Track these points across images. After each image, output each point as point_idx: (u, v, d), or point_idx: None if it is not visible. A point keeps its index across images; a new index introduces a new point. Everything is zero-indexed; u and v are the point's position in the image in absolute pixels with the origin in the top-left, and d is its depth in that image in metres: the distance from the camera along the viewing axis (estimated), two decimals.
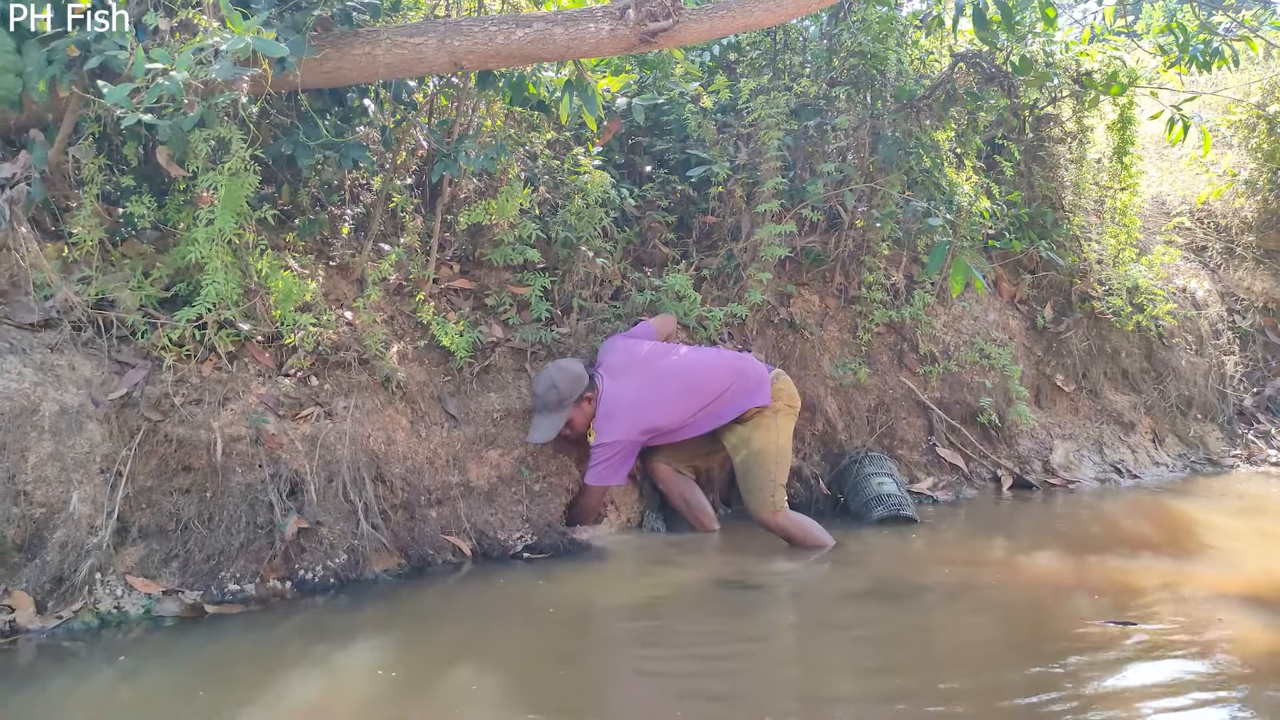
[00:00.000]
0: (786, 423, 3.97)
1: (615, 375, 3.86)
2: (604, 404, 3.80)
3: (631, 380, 3.83)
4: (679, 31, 3.50)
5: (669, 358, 3.91)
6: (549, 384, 3.78)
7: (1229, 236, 7.39)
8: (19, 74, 3.13)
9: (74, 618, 2.82)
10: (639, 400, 3.79)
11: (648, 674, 2.70)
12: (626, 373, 3.86)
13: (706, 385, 3.86)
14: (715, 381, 3.88)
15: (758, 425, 3.91)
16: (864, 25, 5.12)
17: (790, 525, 3.87)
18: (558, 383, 3.77)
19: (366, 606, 3.12)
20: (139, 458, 3.08)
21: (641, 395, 3.80)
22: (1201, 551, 3.95)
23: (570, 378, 3.79)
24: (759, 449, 3.88)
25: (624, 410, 3.77)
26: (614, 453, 3.76)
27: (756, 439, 3.89)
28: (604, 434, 3.77)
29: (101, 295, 3.28)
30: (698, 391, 3.85)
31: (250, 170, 3.21)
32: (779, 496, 3.87)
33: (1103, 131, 6.21)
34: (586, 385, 3.82)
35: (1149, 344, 6.15)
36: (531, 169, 4.62)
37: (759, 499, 3.86)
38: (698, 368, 3.90)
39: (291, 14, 3.39)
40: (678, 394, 3.83)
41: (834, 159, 5.11)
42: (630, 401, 3.78)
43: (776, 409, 3.93)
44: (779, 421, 3.93)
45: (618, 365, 3.90)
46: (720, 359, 3.98)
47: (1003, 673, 2.67)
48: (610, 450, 3.76)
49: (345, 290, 3.90)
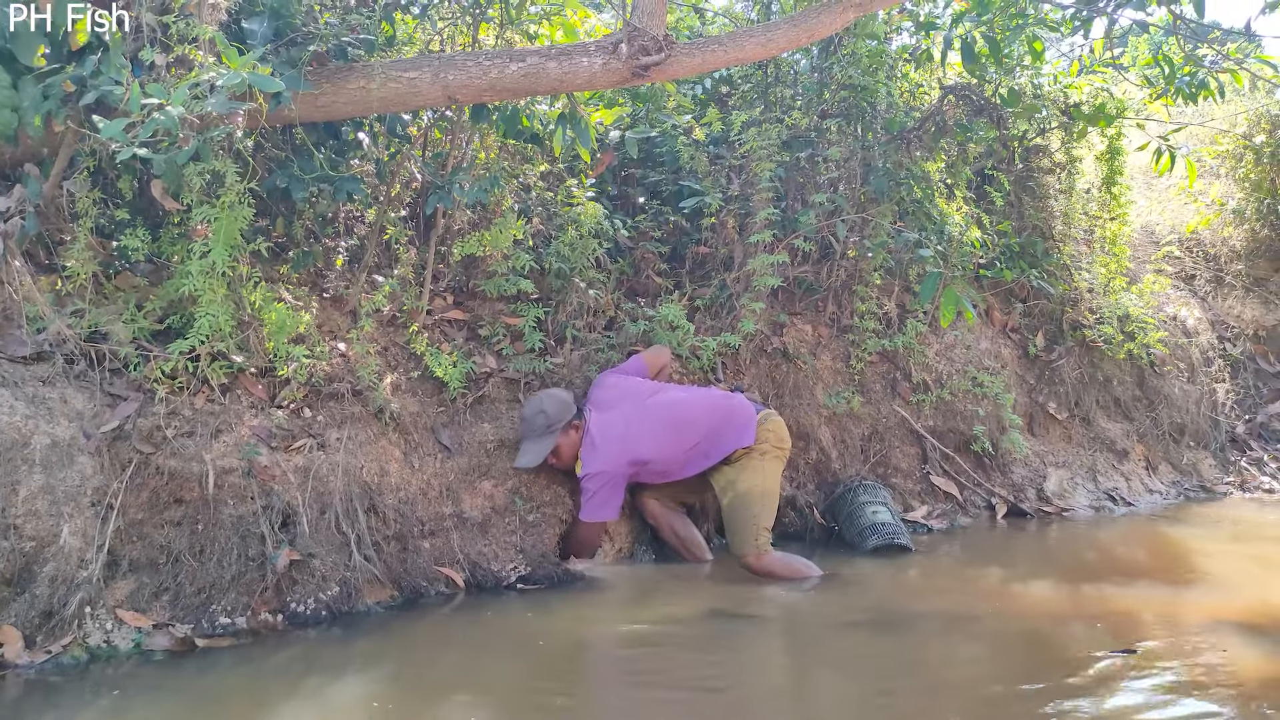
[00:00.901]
0: (774, 466, 3.94)
1: (603, 409, 3.87)
2: (590, 436, 3.80)
3: (618, 414, 3.84)
4: (671, 66, 3.55)
5: (657, 395, 3.92)
6: (537, 409, 3.80)
7: (1218, 265, 7.44)
8: (15, 109, 3.15)
9: (63, 652, 2.80)
10: (625, 433, 3.79)
11: (643, 706, 2.68)
12: (614, 407, 3.87)
13: (693, 423, 3.87)
14: (702, 419, 3.88)
15: (744, 468, 3.88)
16: (854, 59, 5.19)
17: (775, 567, 3.83)
18: (546, 408, 3.79)
19: (359, 639, 3.09)
20: (130, 490, 3.07)
21: (629, 428, 3.80)
22: (1196, 578, 3.95)
23: (558, 404, 3.82)
24: (744, 491, 3.86)
25: (610, 441, 3.77)
26: (602, 484, 3.75)
27: (741, 481, 3.87)
28: (590, 464, 3.76)
29: (94, 328, 3.29)
30: (685, 428, 3.85)
31: (245, 203, 3.23)
32: (762, 540, 3.83)
33: (1091, 162, 6.28)
34: (574, 414, 3.84)
35: (1141, 372, 6.18)
36: (525, 201, 4.66)
37: (742, 541, 3.84)
38: (685, 405, 3.91)
39: (287, 49, 3.43)
40: (664, 429, 3.83)
41: (825, 190, 5.16)
42: (617, 434, 3.78)
43: (764, 450, 3.91)
44: (765, 464, 3.91)
45: (605, 400, 3.91)
46: (707, 398, 3.99)
47: (1001, 702, 2.66)
48: (598, 481, 3.75)
49: (339, 322, 3.91)
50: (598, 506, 3.78)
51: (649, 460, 3.83)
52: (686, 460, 3.89)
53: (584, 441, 3.82)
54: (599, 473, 3.75)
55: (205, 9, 3.13)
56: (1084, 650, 3.04)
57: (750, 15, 6.03)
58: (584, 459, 3.79)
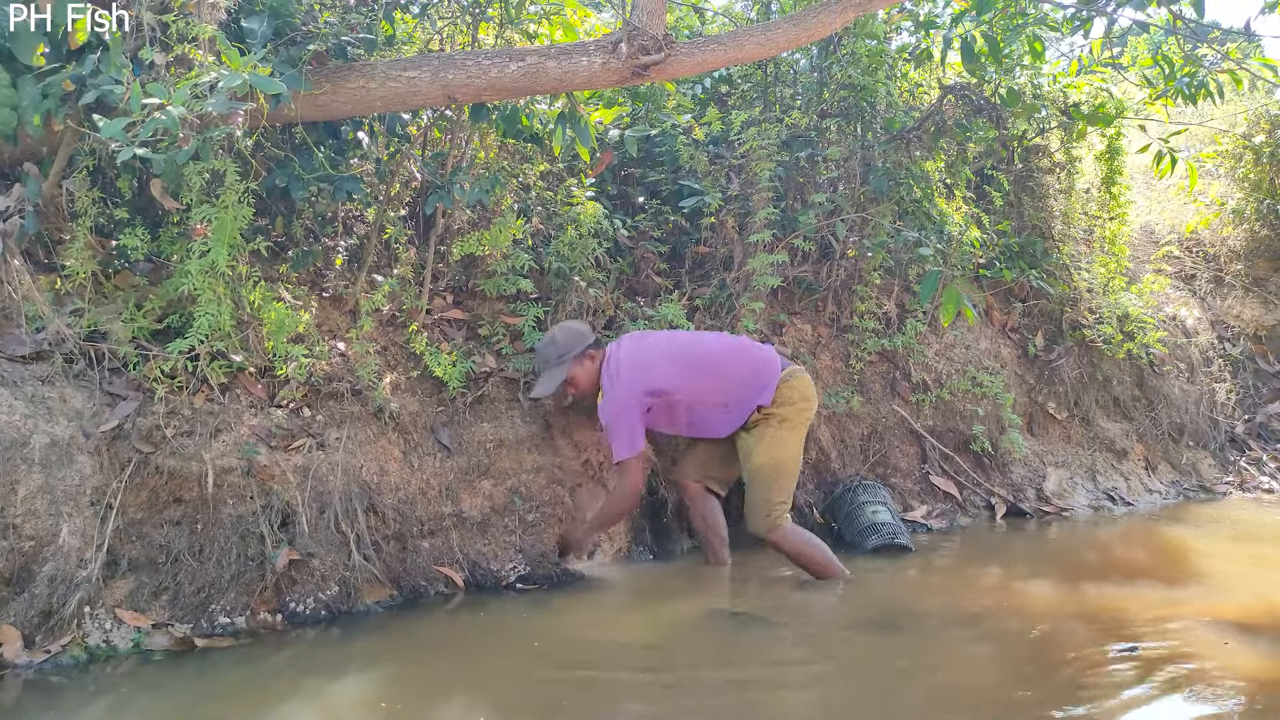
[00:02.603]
0: (792, 436, 3.80)
1: (623, 344, 3.82)
2: (610, 365, 3.72)
3: (640, 346, 3.80)
4: (670, 65, 3.54)
5: (683, 335, 3.96)
6: (550, 339, 3.79)
7: (1217, 265, 7.45)
8: (14, 108, 3.15)
9: (62, 652, 2.80)
10: (644, 362, 3.72)
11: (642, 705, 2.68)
12: (634, 340, 3.85)
13: (717, 362, 3.78)
14: (729, 364, 3.79)
15: (760, 437, 3.77)
16: (854, 58, 5.19)
17: (785, 544, 3.76)
18: (557, 338, 3.77)
19: (358, 639, 3.09)
20: (129, 490, 3.07)
21: (647, 358, 3.74)
22: (1196, 578, 3.95)
23: (570, 334, 3.78)
24: (758, 466, 3.77)
25: (629, 368, 3.68)
26: (619, 414, 3.65)
27: (756, 454, 3.77)
28: (608, 392, 3.70)
29: (93, 327, 3.29)
30: (708, 366, 3.77)
31: (244, 203, 3.23)
32: (775, 515, 3.74)
33: (1091, 162, 6.28)
34: (590, 343, 3.79)
35: (1140, 372, 6.18)
36: (525, 200, 4.65)
37: (753, 515, 3.78)
38: (709, 344, 3.87)
39: (287, 49, 3.43)
40: (684, 361, 3.75)
41: (825, 189, 5.16)
42: (635, 362, 3.71)
43: (782, 417, 3.77)
44: (783, 435, 3.77)
45: (627, 338, 3.88)
46: (736, 343, 3.89)
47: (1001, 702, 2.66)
48: (614, 411, 3.66)
49: (338, 321, 3.91)
50: (624, 441, 3.64)
51: (668, 391, 3.72)
52: (708, 402, 3.78)
53: (604, 371, 3.74)
54: (613, 402, 3.67)
55: (205, 8, 3.13)
56: (1084, 650, 3.04)
57: (750, 15, 6.03)
58: (605, 391, 3.73)
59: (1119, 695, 2.68)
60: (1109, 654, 2.97)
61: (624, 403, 3.66)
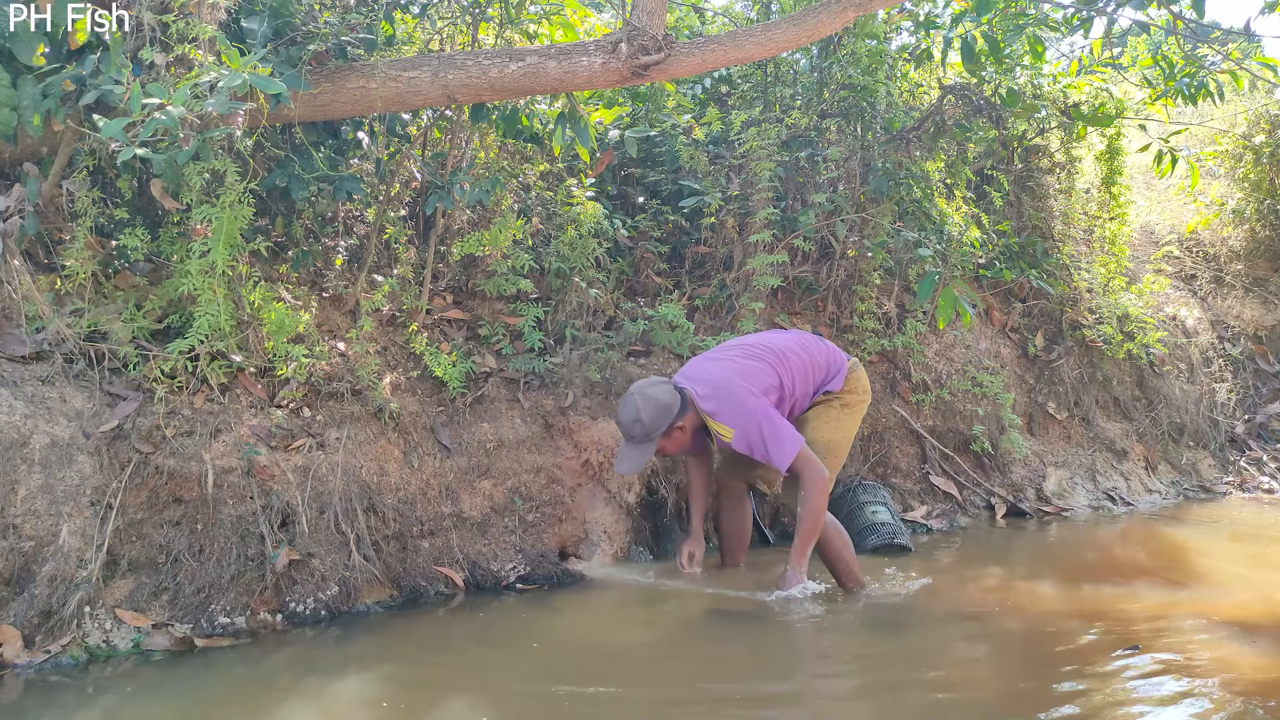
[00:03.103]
0: (850, 419, 3.76)
1: (698, 371, 3.62)
2: (708, 401, 3.49)
3: (716, 367, 3.62)
4: (670, 65, 3.55)
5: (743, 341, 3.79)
6: (634, 416, 3.46)
7: (1218, 265, 7.45)
8: (14, 108, 3.15)
9: (62, 652, 2.80)
10: (739, 369, 3.55)
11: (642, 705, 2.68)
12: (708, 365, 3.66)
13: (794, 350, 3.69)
14: (799, 347, 3.72)
15: (819, 414, 3.72)
16: (854, 58, 5.19)
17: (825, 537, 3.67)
18: (642, 415, 3.45)
19: (358, 639, 3.09)
20: (129, 490, 3.07)
21: (732, 367, 3.57)
22: (1195, 578, 3.95)
23: (655, 409, 3.45)
24: (813, 440, 3.64)
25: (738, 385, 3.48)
26: (758, 418, 3.43)
27: (812, 429, 3.68)
28: (731, 419, 3.45)
29: (93, 327, 3.29)
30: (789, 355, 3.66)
31: (244, 203, 3.23)
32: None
33: (1091, 162, 6.28)
34: (677, 414, 3.48)
35: (1140, 372, 6.18)
36: (525, 200, 4.66)
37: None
38: (774, 338, 3.77)
39: (287, 49, 3.43)
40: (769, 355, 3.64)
41: (825, 190, 5.16)
42: (732, 376, 3.52)
43: (845, 402, 3.74)
44: (843, 416, 3.74)
45: (694, 364, 3.70)
46: (800, 336, 3.84)
47: (1001, 701, 2.66)
48: (753, 420, 3.42)
49: (338, 321, 3.91)
50: (784, 442, 3.44)
51: (775, 386, 3.57)
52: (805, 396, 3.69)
53: (706, 410, 3.50)
54: (746, 420, 3.42)
55: (205, 8, 3.13)
56: (1084, 650, 3.04)
57: (750, 15, 6.03)
58: (727, 420, 3.47)
59: (1119, 695, 2.68)
60: (1109, 654, 2.97)
61: (754, 411, 3.45)
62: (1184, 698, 2.66)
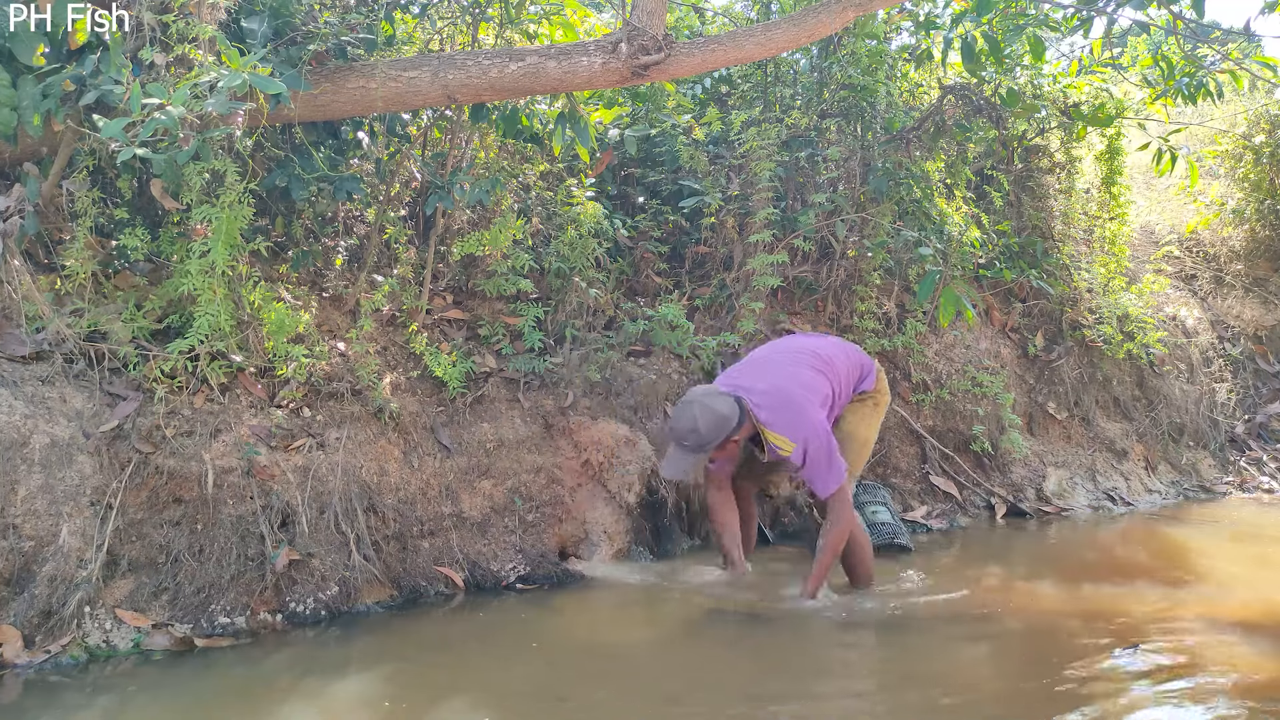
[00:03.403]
0: (877, 417, 3.85)
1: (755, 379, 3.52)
2: (768, 412, 3.40)
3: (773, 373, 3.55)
4: (670, 65, 3.55)
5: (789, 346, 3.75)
6: (690, 426, 3.34)
7: (1218, 265, 7.45)
8: (14, 108, 3.15)
9: (62, 652, 2.80)
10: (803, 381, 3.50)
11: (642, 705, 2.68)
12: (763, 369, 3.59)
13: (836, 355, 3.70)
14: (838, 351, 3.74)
15: (852, 410, 3.77)
16: (854, 59, 5.19)
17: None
18: (700, 426, 3.33)
19: (358, 639, 3.09)
20: (129, 490, 3.07)
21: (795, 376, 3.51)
22: (1196, 578, 3.95)
23: (714, 421, 3.34)
24: (847, 433, 3.73)
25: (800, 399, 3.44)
26: (819, 441, 3.37)
27: (845, 423, 3.75)
28: (792, 433, 3.38)
29: (93, 327, 3.29)
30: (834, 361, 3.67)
31: (244, 203, 3.23)
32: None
33: (1091, 162, 6.28)
34: (734, 428, 3.38)
35: (1140, 372, 6.18)
36: (525, 200, 4.66)
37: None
38: (814, 343, 3.76)
39: (287, 49, 3.43)
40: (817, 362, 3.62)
41: (825, 190, 5.16)
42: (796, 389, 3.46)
43: (876, 400, 3.83)
44: (873, 414, 3.82)
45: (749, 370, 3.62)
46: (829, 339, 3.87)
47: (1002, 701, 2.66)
48: (815, 443, 3.36)
49: (338, 321, 3.91)
50: (834, 473, 3.41)
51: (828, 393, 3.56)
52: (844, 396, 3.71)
53: (764, 419, 3.41)
54: (808, 440, 3.36)
55: (205, 8, 3.13)
56: (1084, 649, 3.04)
57: (750, 15, 6.03)
58: (788, 434, 3.38)
59: (1119, 695, 2.68)
60: (1109, 654, 2.97)
61: (817, 433, 3.38)
62: (1184, 697, 2.66)
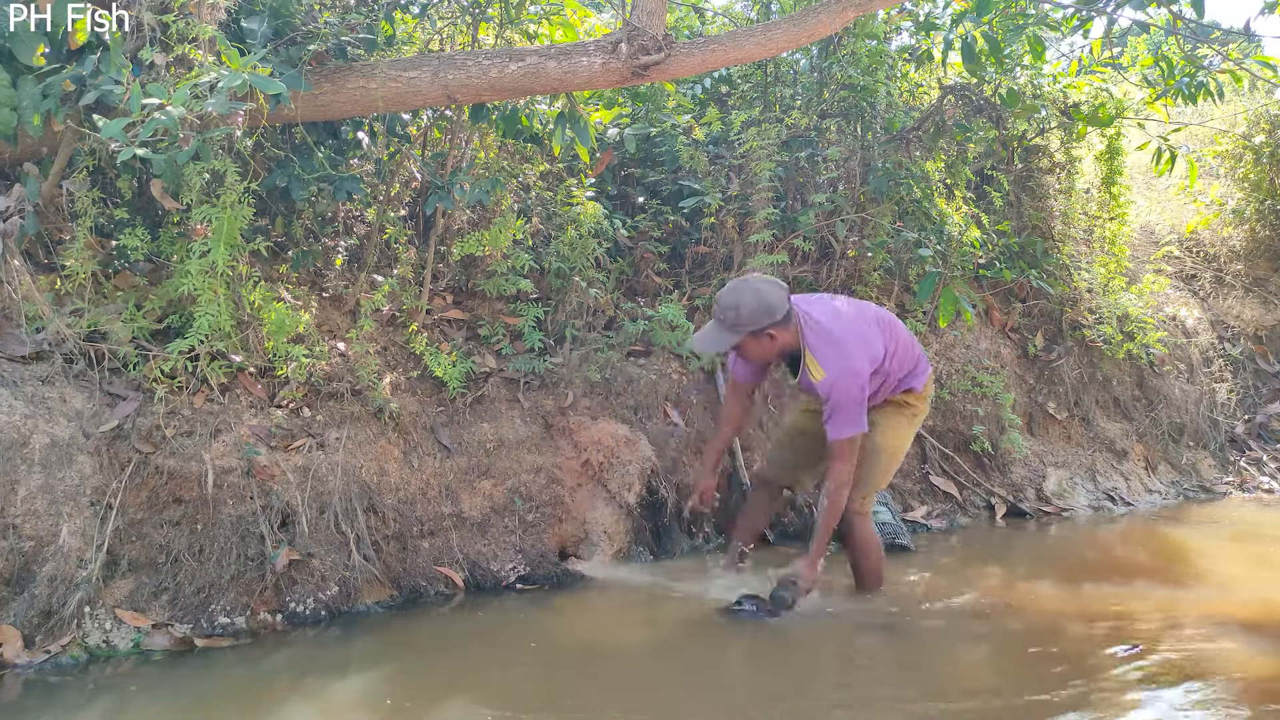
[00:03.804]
0: (911, 429, 3.63)
1: (821, 308, 3.40)
2: (816, 331, 3.28)
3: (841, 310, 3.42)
4: (670, 65, 3.54)
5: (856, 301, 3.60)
6: (734, 301, 3.24)
7: (1218, 265, 7.44)
8: (14, 108, 3.15)
9: (62, 652, 2.80)
10: (861, 329, 3.34)
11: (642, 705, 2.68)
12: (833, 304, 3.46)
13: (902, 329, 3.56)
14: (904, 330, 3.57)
15: (886, 416, 3.54)
16: (854, 59, 5.19)
17: (861, 531, 3.59)
18: (743, 304, 3.22)
19: (358, 639, 3.09)
20: (129, 490, 3.07)
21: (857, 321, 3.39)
22: (1196, 578, 3.95)
23: (759, 304, 3.22)
24: (879, 444, 3.52)
25: (854, 338, 3.29)
26: (853, 382, 3.23)
27: (879, 434, 3.51)
28: (830, 363, 3.23)
29: (93, 327, 3.29)
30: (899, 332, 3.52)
31: (244, 203, 3.23)
32: (867, 502, 3.57)
33: (1091, 162, 6.28)
34: (777, 321, 3.25)
35: (1140, 372, 6.18)
36: (525, 200, 4.66)
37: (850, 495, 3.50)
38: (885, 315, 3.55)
39: (287, 49, 3.43)
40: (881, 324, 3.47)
41: (825, 190, 5.16)
42: (854, 329, 3.32)
43: (915, 411, 3.59)
44: (909, 425, 3.60)
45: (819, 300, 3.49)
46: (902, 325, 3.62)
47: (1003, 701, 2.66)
48: (848, 381, 3.22)
49: (338, 321, 3.91)
50: (854, 417, 3.27)
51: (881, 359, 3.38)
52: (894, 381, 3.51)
53: (810, 339, 3.29)
54: (843, 374, 3.21)
55: (205, 8, 3.13)
56: (1084, 649, 3.04)
57: (750, 15, 6.03)
58: (822, 360, 3.26)
59: (1119, 695, 2.68)
60: (1109, 654, 2.97)
61: (854, 376, 3.25)
62: (1184, 697, 2.66)
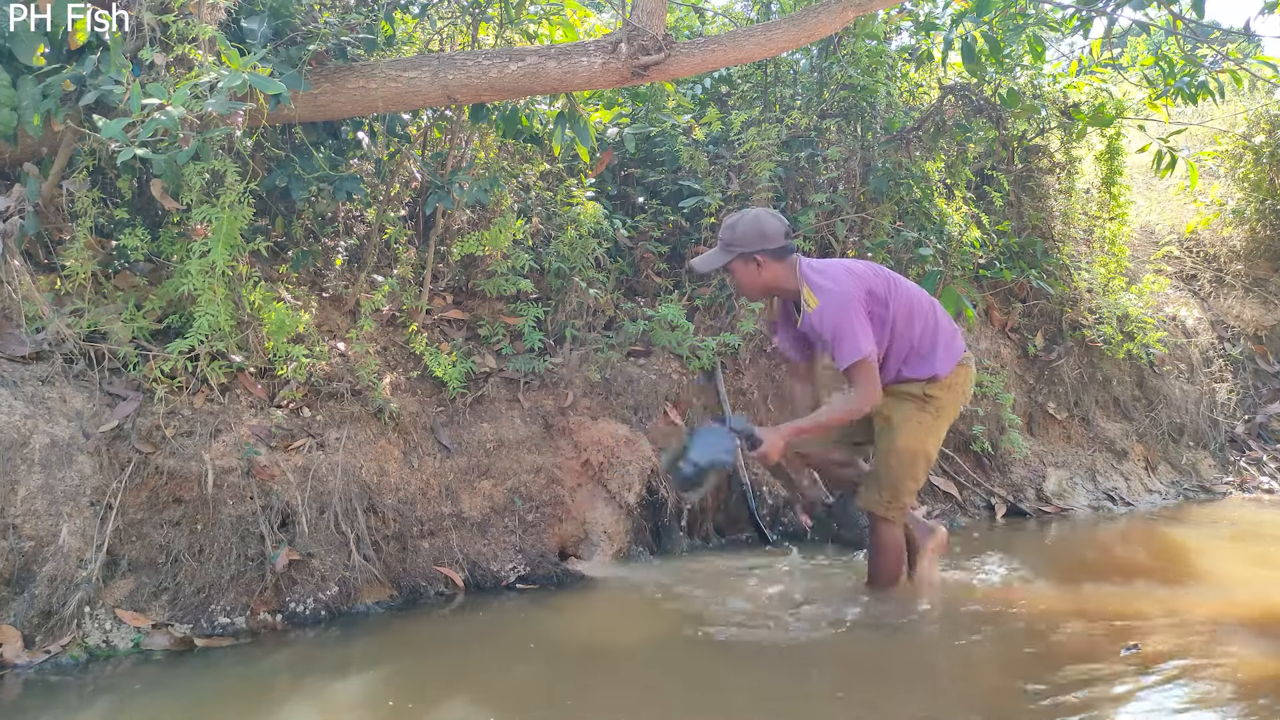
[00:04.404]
0: (941, 427, 3.47)
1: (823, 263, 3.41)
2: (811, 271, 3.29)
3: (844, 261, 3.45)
4: (670, 65, 3.55)
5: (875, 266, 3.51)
6: (733, 221, 3.31)
7: (1218, 265, 7.44)
8: (14, 108, 3.15)
9: (62, 652, 2.80)
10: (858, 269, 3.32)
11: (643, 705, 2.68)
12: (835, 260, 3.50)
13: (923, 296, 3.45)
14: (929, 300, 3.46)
15: (909, 418, 3.39)
16: (854, 59, 5.19)
17: (888, 536, 3.48)
18: (738, 226, 3.28)
19: (358, 639, 3.09)
20: (129, 490, 3.07)
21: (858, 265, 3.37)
22: (1196, 578, 3.95)
23: (753, 227, 3.26)
24: (903, 447, 3.39)
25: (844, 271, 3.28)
26: (841, 306, 3.18)
27: (903, 435, 3.39)
28: (822, 294, 3.22)
29: (93, 327, 3.29)
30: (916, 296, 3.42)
31: (244, 203, 3.23)
32: (901, 502, 3.43)
33: (1091, 162, 6.28)
34: (768, 249, 3.25)
35: (1140, 372, 6.18)
36: (524, 200, 4.66)
37: (873, 493, 3.45)
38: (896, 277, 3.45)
39: (287, 49, 3.43)
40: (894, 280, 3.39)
41: (825, 190, 5.16)
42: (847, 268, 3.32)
43: (941, 406, 3.40)
44: (936, 423, 3.43)
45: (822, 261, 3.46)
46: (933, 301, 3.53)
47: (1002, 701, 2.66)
48: (836, 305, 3.18)
49: (338, 321, 3.91)
50: (852, 340, 3.16)
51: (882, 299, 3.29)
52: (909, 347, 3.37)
53: (806, 279, 3.27)
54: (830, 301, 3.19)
55: (205, 8, 3.13)
56: (1084, 649, 3.04)
57: (750, 15, 6.03)
58: (816, 295, 3.24)
59: (1120, 695, 2.68)
60: (1110, 654, 2.96)
61: (844, 299, 3.20)
62: (1184, 697, 2.66)
